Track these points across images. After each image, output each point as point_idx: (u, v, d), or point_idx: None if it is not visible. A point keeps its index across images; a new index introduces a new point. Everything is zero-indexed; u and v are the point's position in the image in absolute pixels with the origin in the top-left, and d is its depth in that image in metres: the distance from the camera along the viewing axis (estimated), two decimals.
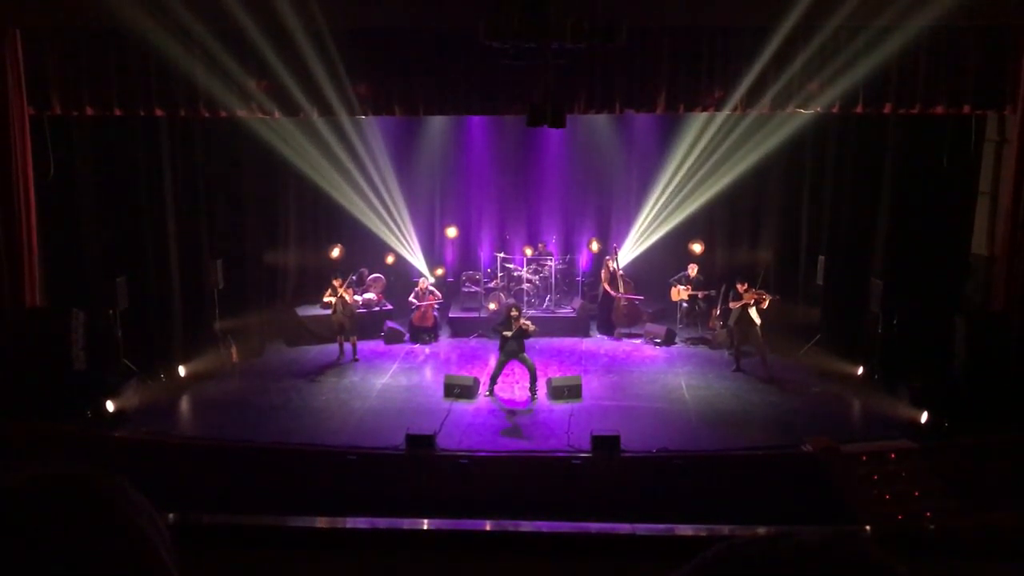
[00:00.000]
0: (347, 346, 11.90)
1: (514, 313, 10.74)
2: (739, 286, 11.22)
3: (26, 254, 9.90)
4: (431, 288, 13.18)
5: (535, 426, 9.31)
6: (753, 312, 10.95)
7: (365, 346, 12.18)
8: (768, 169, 12.85)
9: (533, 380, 10.07)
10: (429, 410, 9.70)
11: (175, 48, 9.56)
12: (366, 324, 12.64)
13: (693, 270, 13.18)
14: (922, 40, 9.37)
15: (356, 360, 11.78)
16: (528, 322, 10.59)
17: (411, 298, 13.02)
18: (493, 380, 10.14)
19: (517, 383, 10.74)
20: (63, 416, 8.90)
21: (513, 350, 10.40)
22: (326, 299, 11.87)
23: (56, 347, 9.53)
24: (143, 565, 0.98)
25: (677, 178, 13.77)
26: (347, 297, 11.82)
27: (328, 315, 12.18)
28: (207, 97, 9.85)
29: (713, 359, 12.00)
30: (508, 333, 10.35)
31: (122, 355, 10.39)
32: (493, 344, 12.67)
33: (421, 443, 8.36)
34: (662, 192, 14.06)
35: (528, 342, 12.61)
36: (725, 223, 14.37)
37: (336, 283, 11.85)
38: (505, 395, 10.31)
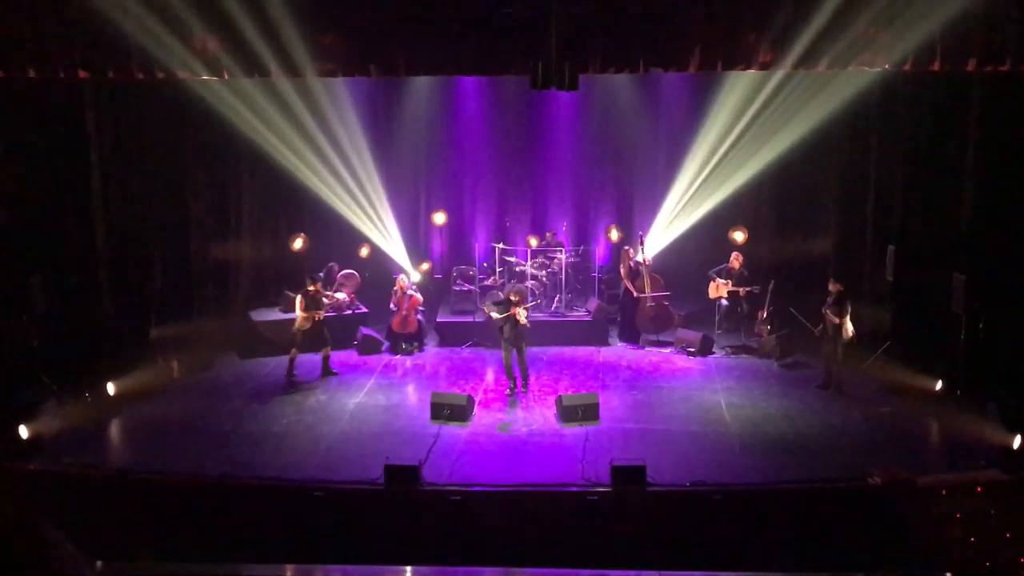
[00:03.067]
0: (301, 361, 11.77)
1: (514, 298, 10.91)
2: (832, 284, 11.04)
3: None
4: (412, 289, 13.17)
5: (542, 454, 9.29)
6: (848, 322, 10.83)
7: (335, 357, 12.16)
8: (825, 141, 12.83)
9: (524, 379, 10.95)
10: (413, 435, 9.69)
11: None
12: (336, 330, 12.59)
13: (735, 262, 13.16)
14: None
15: (334, 374, 11.76)
16: (523, 312, 10.75)
17: (392, 304, 13.01)
18: (524, 377, 10.99)
19: (520, 402, 10.73)
20: None
21: (512, 339, 10.71)
22: (301, 312, 11.61)
23: None
24: None
25: (714, 151, 13.76)
26: (323, 303, 11.77)
27: (292, 320, 12.15)
28: (140, 56, 9.80)
29: (759, 371, 11.97)
30: (496, 315, 10.56)
31: (38, 369, 10.37)
32: (490, 354, 12.73)
33: (403, 476, 8.34)
34: (697, 169, 14.05)
35: (534, 352, 12.60)
36: (773, 206, 14.36)
37: (313, 288, 11.69)
38: (505, 415, 10.30)
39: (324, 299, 11.88)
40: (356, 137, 14.22)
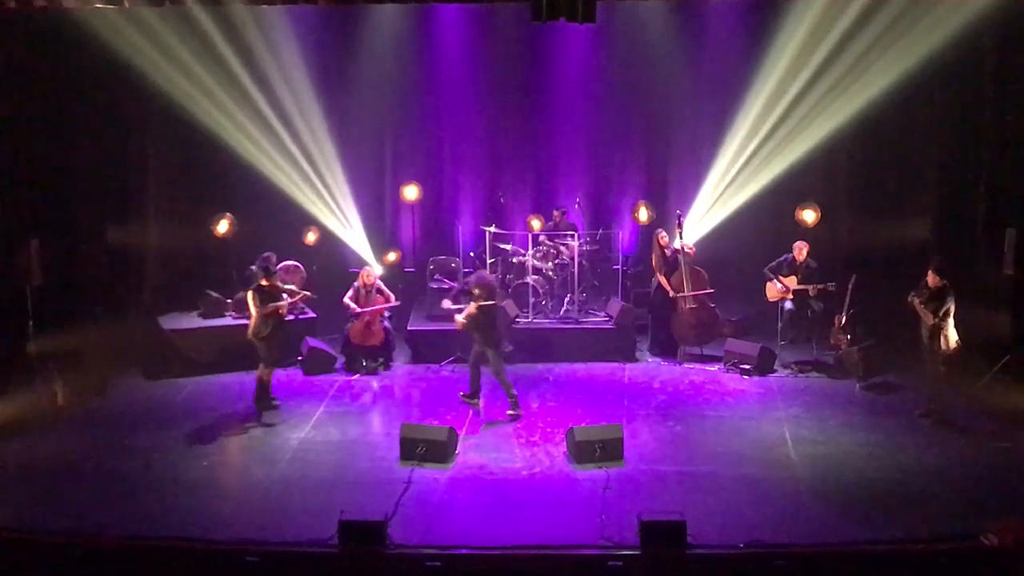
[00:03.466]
0: (222, 382, 11.73)
1: (476, 291, 11.15)
2: (932, 278, 11.04)
3: None
4: (379, 285, 13.16)
5: (548, 506, 9.27)
6: (951, 327, 10.85)
7: (272, 377, 12.15)
8: (925, 89, 12.81)
9: (509, 395, 11.33)
10: (376, 481, 9.68)
11: None
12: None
13: (802, 252, 13.18)
14: None
15: (273, 406, 11.67)
16: (478, 306, 11.01)
17: (347, 299, 13.01)
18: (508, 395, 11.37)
19: (519, 436, 10.73)
20: None
21: (480, 349, 10.97)
22: (256, 312, 11.38)
23: None
24: None
25: (775, 103, 13.76)
26: (284, 299, 11.67)
27: (220, 329, 12.13)
28: None
29: (836, 395, 12.00)
30: (449, 305, 11.25)
31: None
32: (480, 374, 12.75)
33: (364, 535, 8.29)
34: (752, 126, 14.05)
35: (538, 371, 12.57)
36: (855, 176, 14.34)
37: (268, 283, 11.53)
38: (500, 454, 10.30)
39: (285, 294, 11.77)
40: (300, 87, 14.22)
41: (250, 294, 11.47)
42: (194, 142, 13.77)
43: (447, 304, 12.15)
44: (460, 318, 11.26)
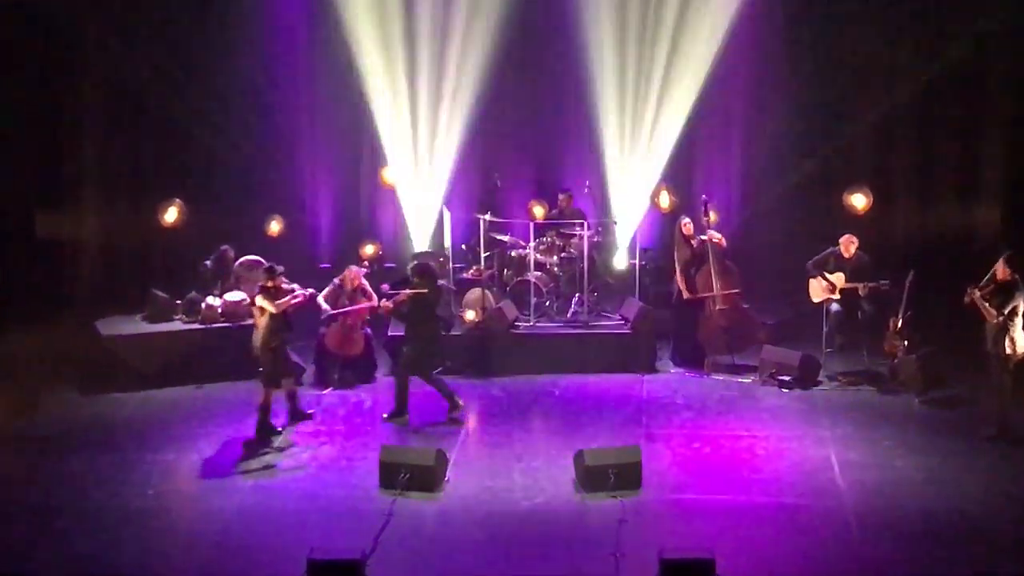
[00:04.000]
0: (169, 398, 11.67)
1: (415, 278, 11.44)
2: (1002, 269, 10.94)
3: None
4: (364, 285, 13.04)
5: (553, 542, 9.22)
6: (1020, 328, 10.80)
7: (228, 391, 12.22)
8: (993, 57, 12.76)
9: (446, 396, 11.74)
10: (352, 513, 9.65)
11: None
12: (227, 350, 12.71)
13: (851, 246, 13.11)
14: None
15: (307, 417, 11.78)
16: (412, 293, 11.30)
17: (320, 298, 12.94)
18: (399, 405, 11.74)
19: (520, 460, 10.70)
20: None
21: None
22: (267, 315, 11.31)
23: None
24: None
25: (822, 72, 13.71)
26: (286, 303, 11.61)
27: (169, 336, 12.02)
28: None
29: (891, 412, 12.00)
30: (386, 288, 11.30)
31: None
32: (471, 386, 12.76)
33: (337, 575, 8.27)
34: (793, 100, 13.99)
35: (544, 385, 12.51)
36: (910, 156, 14.29)
37: (273, 284, 11.36)
38: (497, 481, 10.25)
39: (290, 298, 11.61)
40: (261, 52, 14.15)
41: (260, 298, 11.42)
42: (139, 117, 13.69)
43: (384, 287, 12.18)
44: (386, 302, 11.57)
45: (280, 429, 11.54)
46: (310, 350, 13.29)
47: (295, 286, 11.85)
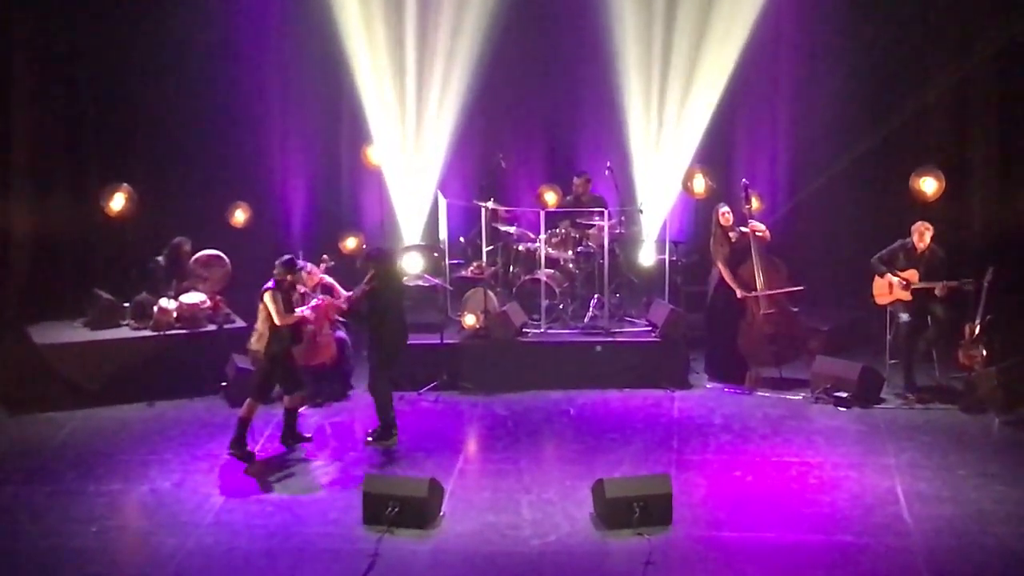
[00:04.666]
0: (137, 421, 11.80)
1: (369, 265, 11.52)
2: None
3: None
4: (325, 281, 13.04)
5: None
6: None
7: (184, 409, 12.36)
8: None
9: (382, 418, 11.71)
10: (330, 554, 9.67)
11: None
12: (184, 361, 12.82)
13: (926, 233, 13.13)
14: None
15: (306, 439, 11.94)
16: (367, 287, 11.35)
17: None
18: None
19: (528, 492, 10.76)
20: None
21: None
22: (279, 317, 11.40)
23: None
24: None
25: (883, 36, 13.77)
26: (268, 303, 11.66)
27: (114, 344, 12.04)
28: None
29: (968, 434, 12.00)
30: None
31: None
32: (471, 403, 12.88)
33: None
34: (849, 68, 14.03)
35: (557, 402, 12.59)
36: (990, 134, 14.33)
37: (291, 278, 11.58)
38: (501, 516, 10.31)
39: (302, 314, 11.86)
40: (223, 16, 14.25)
41: (268, 297, 11.42)
42: (79, 90, 13.74)
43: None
44: (338, 302, 11.78)
45: (253, 452, 11.59)
46: None
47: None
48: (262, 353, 11.52)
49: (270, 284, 11.51)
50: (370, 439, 11.65)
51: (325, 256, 13.05)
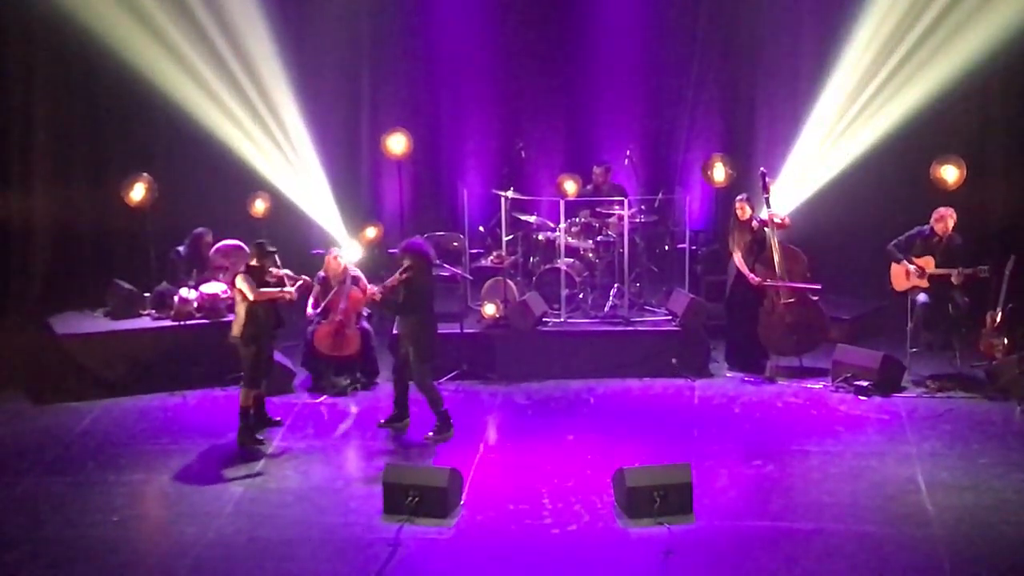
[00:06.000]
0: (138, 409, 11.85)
1: (405, 260, 11.40)
2: None
3: None
4: (354, 273, 13.13)
5: (590, 573, 9.24)
6: None
7: (205, 399, 12.36)
8: None
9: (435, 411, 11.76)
10: (351, 543, 9.67)
11: None
12: (199, 350, 12.90)
13: (949, 220, 13.06)
14: None
15: (276, 424, 12.01)
16: (402, 276, 11.32)
17: (311, 302, 13.01)
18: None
19: (549, 481, 10.75)
20: None
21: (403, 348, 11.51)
22: (248, 299, 11.47)
23: None
24: None
25: (905, 23, 13.71)
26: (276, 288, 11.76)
27: (134, 334, 12.03)
28: None
29: (990, 423, 11.94)
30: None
31: None
32: (490, 393, 12.90)
33: None
34: (870, 53, 14.01)
35: (578, 392, 12.58)
36: (1013, 121, 14.23)
37: (259, 263, 11.60)
38: (522, 505, 10.29)
39: (283, 280, 11.78)
40: (240, 5, 14.23)
41: (240, 279, 11.46)
42: (98, 81, 13.73)
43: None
44: (373, 290, 11.71)
45: (263, 440, 11.63)
46: (298, 352, 13.37)
47: (287, 273, 11.91)
48: (244, 341, 11.50)
49: (242, 268, 11.63)
50: (431, 435, 11.57)
51: (359, 249, 13.20)
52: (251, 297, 11.34)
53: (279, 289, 11.58)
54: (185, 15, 13.77)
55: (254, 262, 11.60)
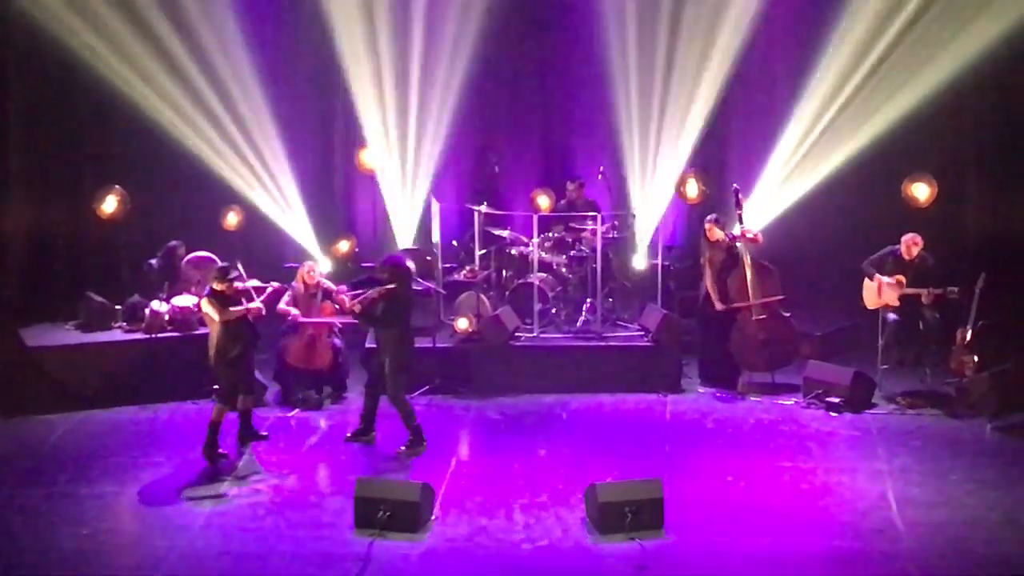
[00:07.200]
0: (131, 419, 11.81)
1: (384, 275, 11.43)
2: None
3: None
4: (327, 286, 13.11)
5: None
6: None
7: (176, 412, 12.29)
8: None
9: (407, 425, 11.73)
10: (322, 558, 9.63)
11: None
12: (171, 364, 12.83)
13: (913, 248, 13.16)
14: None
15: (261, 438, 11.98)
16: (382, 290, 11.28)
17: (283, 305, 12.99)
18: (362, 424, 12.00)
19: (521, 496, 10.73)
20: None
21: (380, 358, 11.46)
22: (218, 320, 11.45)
23: None
24: None
25: (874, 42, 13.77)
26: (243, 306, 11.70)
27: (106, 347, 12.01)
28: None
29: (960, 440, 11.98)
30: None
31: None
32: (463, 407, 12.85)
33: None
34: (841, 72, 14.05)
35: (550, 406, 12.56)
36: (984, 139, 14.29)
37: (223, 286, 11.48)
38: (493, 520, 10.28)
39: (252, 294, 11.72)
40: (216, 19, 14.22)
41: (205, 303, 11.46)
42: (72, 94, 13.70)
43: (342, 288, 12.35)
44: (352, 302, 11.60)
45: (225, 453, 11.58)
46: (270, 365, 13.30)
47: (253, 284, 11.86)
48: (220, 361, 11.47)
49: (206, 291, 11.62)
50: (403, 449, 11.54)
51: (328, 263, 13.17)
52: (217, 319, 11.33)
53: (244, 307, 11.55)
54: (159, 31, 13.74)
55: (216, 286, 11.58)
